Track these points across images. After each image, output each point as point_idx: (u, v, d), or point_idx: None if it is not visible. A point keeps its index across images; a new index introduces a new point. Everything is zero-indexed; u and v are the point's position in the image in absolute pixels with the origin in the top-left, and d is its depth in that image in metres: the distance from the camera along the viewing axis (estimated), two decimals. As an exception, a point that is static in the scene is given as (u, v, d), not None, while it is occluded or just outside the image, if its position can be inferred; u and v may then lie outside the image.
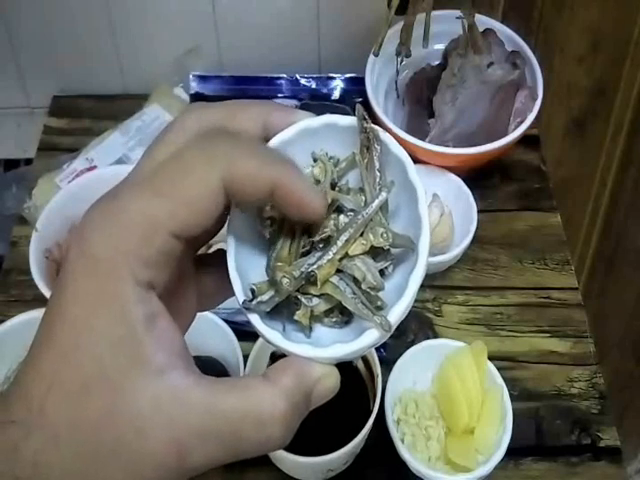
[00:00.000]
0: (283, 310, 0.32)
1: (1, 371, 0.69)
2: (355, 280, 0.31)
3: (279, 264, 0.32)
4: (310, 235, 0.32)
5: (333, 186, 0.33)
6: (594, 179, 1.15)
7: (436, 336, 0.77)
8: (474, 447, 0.66)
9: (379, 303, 0.31)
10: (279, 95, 0.92)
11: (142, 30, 0.93)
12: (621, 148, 1.11)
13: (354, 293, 0.31)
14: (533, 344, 0.77)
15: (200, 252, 0.34)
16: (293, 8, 0.91)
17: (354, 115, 0.33)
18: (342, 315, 0.32)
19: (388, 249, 0.32)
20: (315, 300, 0.31)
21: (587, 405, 0.74)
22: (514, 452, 0.67)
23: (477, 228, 0.79)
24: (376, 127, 0.33)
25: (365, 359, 0.67)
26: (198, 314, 0.34)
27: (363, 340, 0.30)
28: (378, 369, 0.65)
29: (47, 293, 0.70)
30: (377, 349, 0.68)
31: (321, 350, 0.30)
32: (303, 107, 0.89)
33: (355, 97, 0.90)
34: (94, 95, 0.97)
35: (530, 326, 0.79)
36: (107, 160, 0.86)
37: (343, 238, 0.31)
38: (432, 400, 0.70)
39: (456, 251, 0.78)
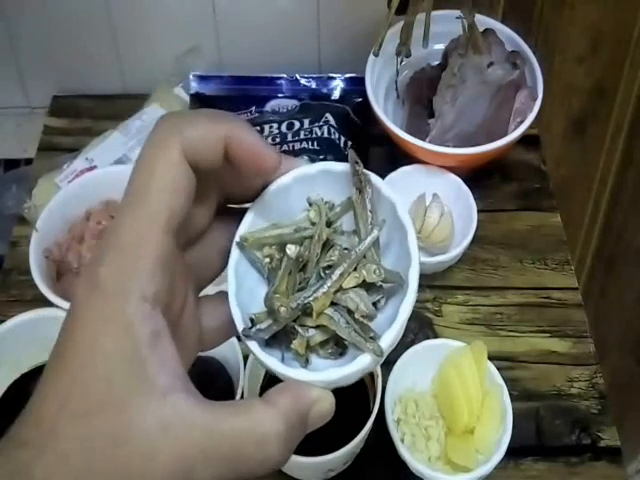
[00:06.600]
0: (282, 342, 0.34)
1: (1, 370, 0.69)
2: (349, 311, 0.33)
3: (277, 296, 0.33)
4: (306, 273, 0.34)
5: (328, 226, 0.35)
6: (594, 179, 1.15)
7: (436, 336, 0.77)
8: (474, 447, 0.66)
9: (372, 334, 0.33)
10: (279, 95, 0.92)
11: (142, 30, 0.93)
12: (621, 148, 1.11)
13: (348, 322, 0.33)
14: (533, 344, 0.77)
15: (202, 294, 0.35)
16: (293, 8, 0.91)
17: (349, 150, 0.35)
18: (337, 346, 0.34)
19: (380, 285, 0.34)
20: (311, 331, 0.33)
21: (587, 405, 0.74)
22: (514, 452, 0.67)
23: (477, 228, 0.79)
24: (367, 171, 0.35)
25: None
26: None
27: (356, 364, 0.32)
28: (378, 369, 0.65)
29: (47, 293, 0.70)
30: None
31: (316, 374, 0.32)
32: (303, 107, 0.89)
33: (355, 97, 0.90)
34: (94, 95, 0.97)
35: (530, 326, 0.78)
36: (107, 160, 0.85)
37: (337, 272, 0.33)
38: (432, 400, 0.70)
39: (456, 251, 0.78)
